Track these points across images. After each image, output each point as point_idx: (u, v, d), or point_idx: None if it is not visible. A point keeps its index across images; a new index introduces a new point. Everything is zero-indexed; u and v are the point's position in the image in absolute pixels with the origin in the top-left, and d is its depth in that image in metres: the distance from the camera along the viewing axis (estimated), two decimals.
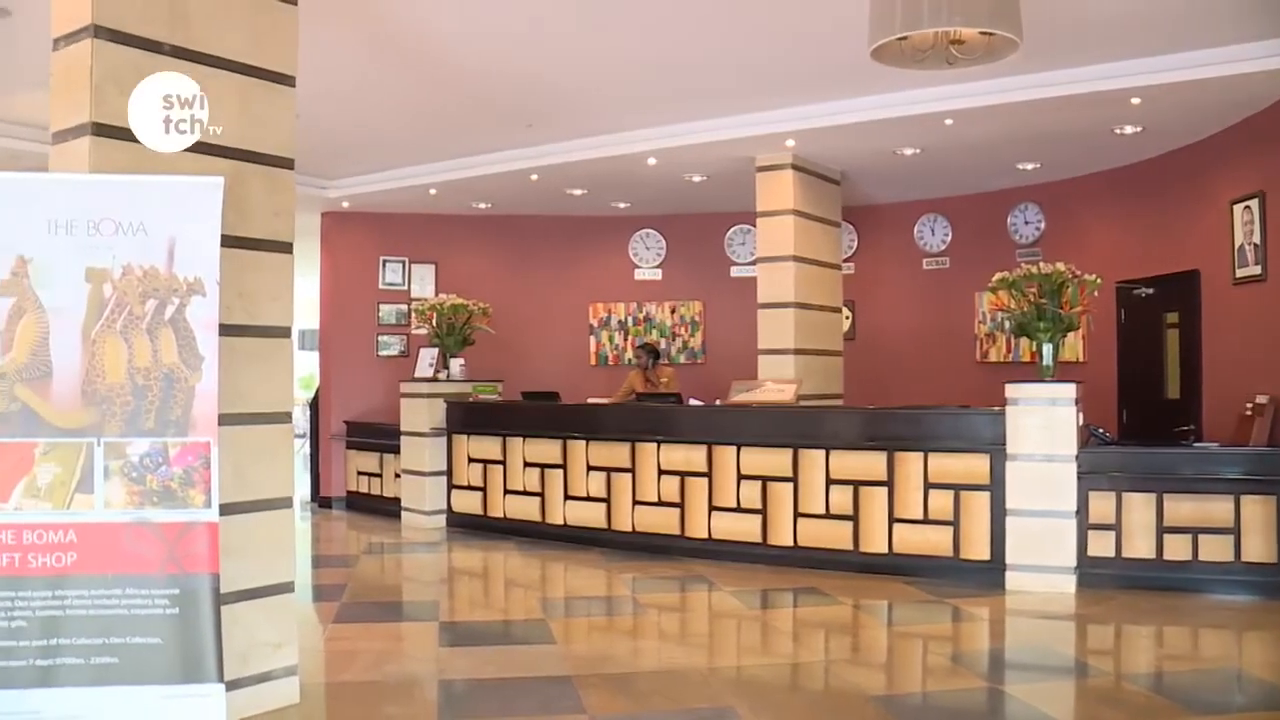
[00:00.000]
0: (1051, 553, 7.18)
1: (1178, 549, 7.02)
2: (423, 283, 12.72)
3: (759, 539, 8.35)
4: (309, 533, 10.62)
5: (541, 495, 9.67)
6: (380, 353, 12.69)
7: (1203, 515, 6.98)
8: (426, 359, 10.80)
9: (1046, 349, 7.39)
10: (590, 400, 10.29)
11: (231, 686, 3.91)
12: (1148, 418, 9.82)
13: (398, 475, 10.97)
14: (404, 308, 12.68)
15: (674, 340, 12.95)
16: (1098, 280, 7.46)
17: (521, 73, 7.90)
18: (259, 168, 4.69)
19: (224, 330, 4.05)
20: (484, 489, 10.13)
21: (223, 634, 3.93)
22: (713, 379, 11.76)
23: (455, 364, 10.70)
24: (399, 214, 12.56)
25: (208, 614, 3.79)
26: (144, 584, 3.77)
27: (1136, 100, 7.91)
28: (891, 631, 6.70)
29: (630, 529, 9.07)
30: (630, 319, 13.20)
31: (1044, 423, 7.25)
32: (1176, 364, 9.68)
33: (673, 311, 13.14)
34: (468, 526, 10.23)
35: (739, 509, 8.46)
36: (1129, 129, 8.76)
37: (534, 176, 10.61)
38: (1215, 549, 6.94)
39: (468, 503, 10.27)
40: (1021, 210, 11.38)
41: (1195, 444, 8.02)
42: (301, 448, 14.02)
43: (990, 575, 7.36)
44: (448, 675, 5.40)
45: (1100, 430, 7.69)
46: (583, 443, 9.41)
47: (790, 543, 8.21)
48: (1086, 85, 7.65)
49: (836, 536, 8.00)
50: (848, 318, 11.95)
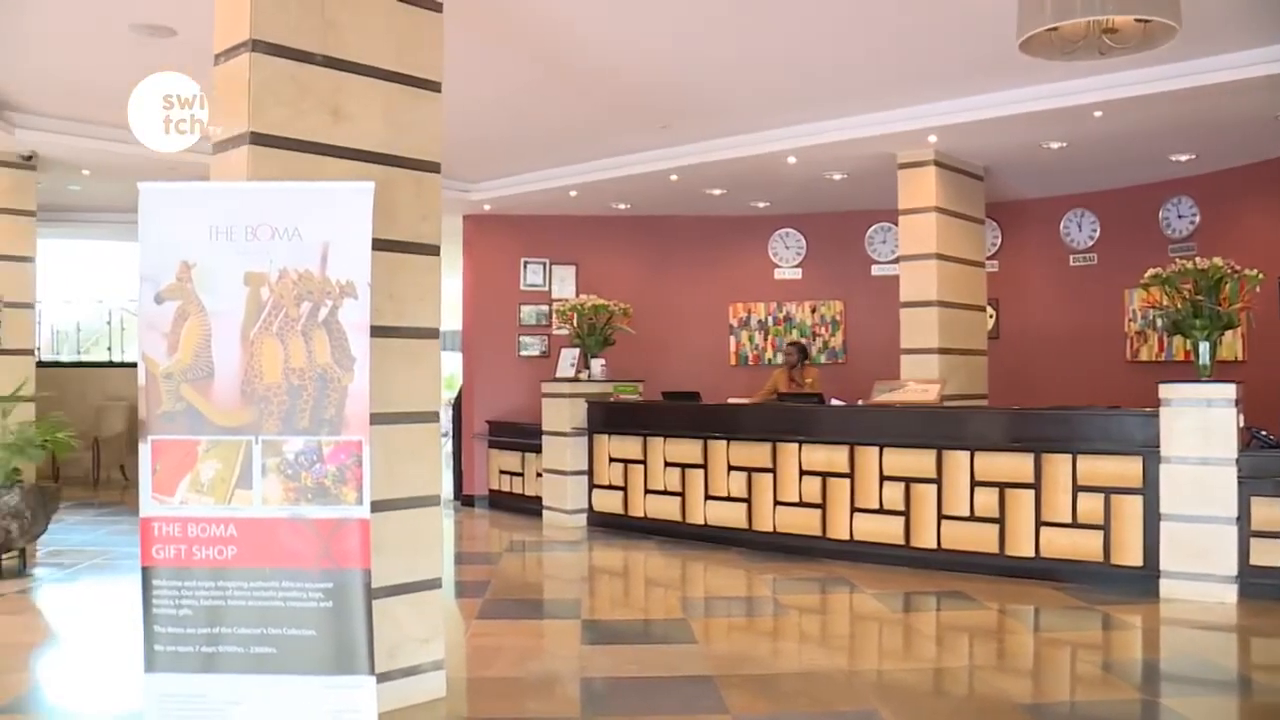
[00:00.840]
0: (1210, 560, 6.88)
1: None
2: (563, 283, 12.87)
3: (901, 541, 8.22)
4: (452, 530, 10.84)
5: (682, 495, 9.70)
6: (521, 353, 12.87)
7: None
8: (568, 359, 10.94)
9: (1203, 348, 7.10)
10: (730, 400, 10.26)
11: (380, 679, 4.00)
12: None
13: (539, 474, 11.12)
14: (545, 308, 12.85)
15: (814, 340, 12.83)
16: (1259, 275, 7.13)
17: (661, 74, 7.93)
18: (407, 172, 4.81)
19: (374, 331, 4.15)
20: (624, 488, 10.21)
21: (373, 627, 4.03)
22: (853, 379, 11.61)
23: (596, 364, 10.81)
24: (540, 216, 12.72)
25: (359, 608, 3.89)
26: (299, 577, 3.89)
27: None
28: (1039, 637, 6.51)
29: (771, 529, 9.03)
30: (770, 319, 13.13)
31: (1200, 424, 6.96)
32: None
33: (813, 311, 13.02)
34: (608, 525, 10.32)
35: (881, 510, 8.35)
36: None
37: (674, 177, 10.63)
38: None
39: (608, 502, 10.36)
40: (1174, 203, 10.93)
41: None
42: (444, 447, 14.30)
43: (1143, 582, 7.10)
44: (589, 673, 5.45)
45: (1263, 432, 7.33)
46: (723, 443, 9.41)
47: (933, 545, 8.06)
48: (1245, 70, 7.27)
49: (981, 539, 7.83)
50: (991, 316, 11.66)
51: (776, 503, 9.01)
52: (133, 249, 4.02)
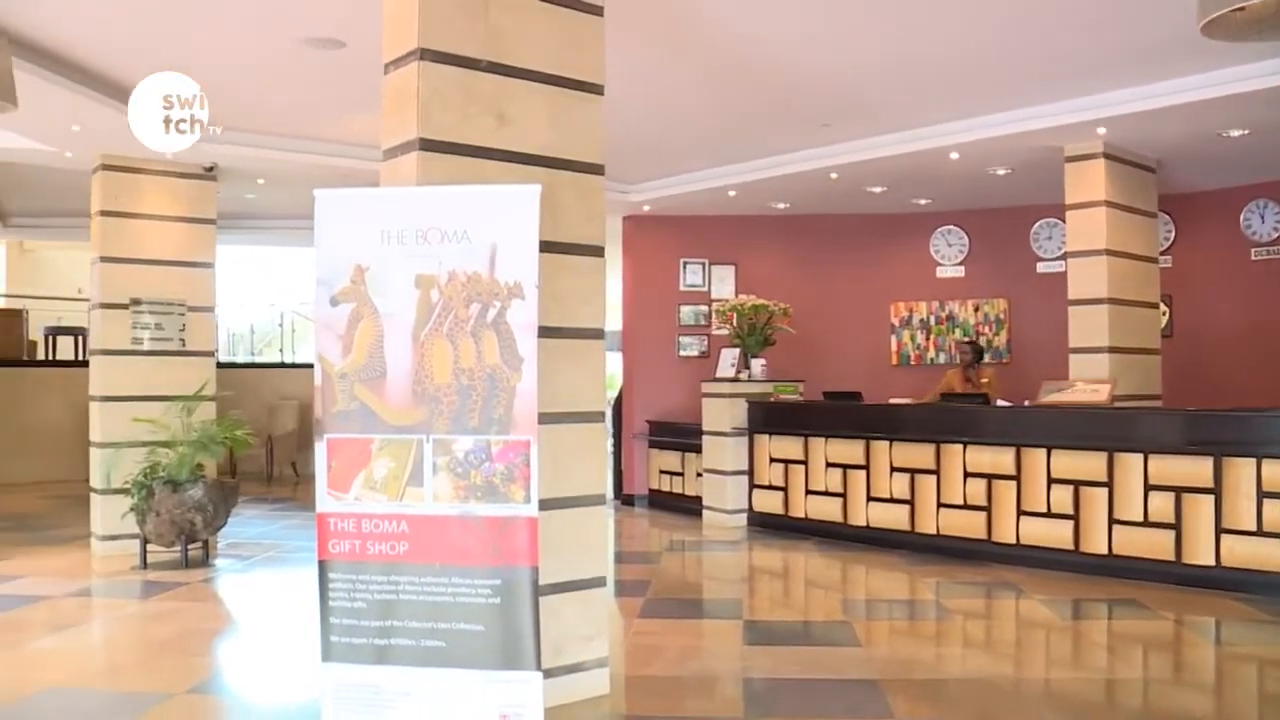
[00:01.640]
0: None
1: None
2: (722, 283, 12.86)
3: (1070, 546, 7.95)
4: (613, 530, 10.92)
5: (843, 496, 9.60)
6: (681, 353, 12.91)
7: None
8: (728, 359, 10.93)
9: None
10: (893, 400, 10.09)
11: (546, 675, 4.05)
12: None
13: (699, 474, 11.13)
14: (704, 308, 12.86)
15: (978, 339, 12.52)
16: None
17: (820, 72, 7.83)
18: (570, 174, 4.88)
19: (541, 332, 4.20)
20: (785, 489, 10.15)
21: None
22: (1019, 379, 11.28)
23: (756, 364, 10.77)
24: (699, 216, 12.73)
25: (527, 604, 3.94)
26: (469, 574, 3.96)
27: None
28: (1220, 652, 6.19)
29: (934, 532, 8.86)
30: (932, 318, 12.87)
31: None
32: None
33: (976, 310, 12.71)
34: (768, 526, 10.27)
35: (1049, 514, 8.09)
36: None
37: (833, 175, 10.51)
38: None
39: (769, 502, 10.32)
40: None
41: None
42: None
43: None
44: (751, 673, 5.43)
45: None
46: (886, 443, 9.27)
47: (1105, 551, 7.77)
48: None
49: (1156, 546, 7.51)
50: (1165, 313, 11.18)
51: (940, 505, 8.83)
52: (301, 254, 4.17)
